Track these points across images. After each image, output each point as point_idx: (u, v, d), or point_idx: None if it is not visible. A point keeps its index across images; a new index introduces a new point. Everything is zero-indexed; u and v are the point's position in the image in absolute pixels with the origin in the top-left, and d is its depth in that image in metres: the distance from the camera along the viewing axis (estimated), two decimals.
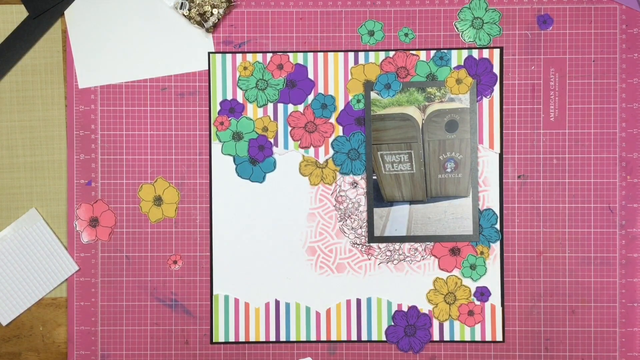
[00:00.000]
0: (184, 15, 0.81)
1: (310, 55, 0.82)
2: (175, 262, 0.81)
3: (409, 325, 0.82)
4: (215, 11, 0.81)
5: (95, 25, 0.82)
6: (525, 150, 0.81)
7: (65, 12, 0.82)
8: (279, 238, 0.82)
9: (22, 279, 0.82)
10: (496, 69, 0.81)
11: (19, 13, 0.82)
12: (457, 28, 0.81)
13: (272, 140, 0.82)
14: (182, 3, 0.81)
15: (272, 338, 0.82)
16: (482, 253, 0.81)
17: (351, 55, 0.82)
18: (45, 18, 0.82)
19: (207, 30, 0.81)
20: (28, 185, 0.82)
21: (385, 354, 0.82)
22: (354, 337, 0.82)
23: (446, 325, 0.82)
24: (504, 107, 0.81)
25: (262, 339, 0.82)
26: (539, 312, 0.81)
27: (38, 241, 0.82)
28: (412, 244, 0.81)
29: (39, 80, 0.82)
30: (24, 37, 0.81)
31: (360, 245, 0.82)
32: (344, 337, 0.82)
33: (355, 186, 0.82)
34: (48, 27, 0.82)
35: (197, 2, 0.80)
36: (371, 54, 0.82)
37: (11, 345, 0.82)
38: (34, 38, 0.82)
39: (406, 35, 0.81)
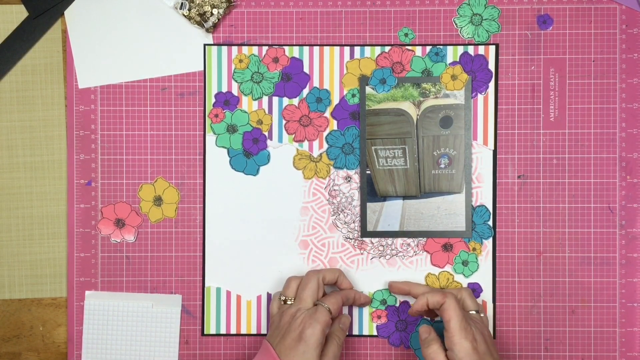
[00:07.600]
0: (184, 15, 0.81)
1: (305, 49, 0.82)
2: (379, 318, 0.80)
3: (400, 321, 0.82)
4: (215, 11, 0.81)
5: (95, 25, 0.82)
6: (525, 150, 0.81)
7: (65, 12, 0.82)
8: (271, 231, 0.82)
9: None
10: (491, 66, 0.81)
11: (19, 13, 0.82)
12: (455, 24, 0.81)
13: (266, 134, 0.82)
14: (182, 3, 0.81)
15: (264, 331, 0.82)
16: (474, 249, 0.81)
17: (347, 49, 0.82)
18: (45, 18, 0.82)
19: (207, 31, 0.81)
20: (28, 185, 0.82)
21: (386, 353, 0.82)
22: None
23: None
24: (503, 106, 0.81)
25: (254, 331, 0.82)
26: (539, 312, 0.81)
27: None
28: (405, 239, 0.81)
29: (39, 80, 0.82)
30: (24, 37, 0.82)
31: (353, 240, 0.82)
32: None
33: (349, 180, 0.81)
34: (48, 27, 0.82)
35: (197, 2, 0.80)
36: (367, 48, 0.82)
37: (11, 345, 0.83)
38: (34, 38, 0.82)
39: (406, 35, 0.81)
